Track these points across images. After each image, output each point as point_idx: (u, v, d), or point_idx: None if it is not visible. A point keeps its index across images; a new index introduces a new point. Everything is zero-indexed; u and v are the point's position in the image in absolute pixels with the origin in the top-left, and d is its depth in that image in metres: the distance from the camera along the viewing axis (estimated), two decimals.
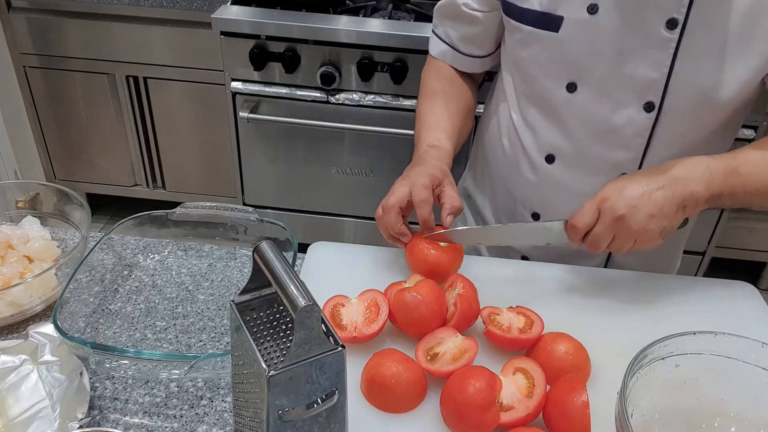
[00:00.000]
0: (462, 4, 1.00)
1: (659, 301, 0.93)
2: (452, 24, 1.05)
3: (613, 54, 0.87)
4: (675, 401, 0.73)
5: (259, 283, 0.63)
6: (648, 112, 0.89)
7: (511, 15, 0.94)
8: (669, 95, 0.88)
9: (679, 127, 0.91)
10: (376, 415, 0.74)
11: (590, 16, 0.86)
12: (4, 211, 1.04)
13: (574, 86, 0.92)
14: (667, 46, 0.84)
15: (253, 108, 2.00)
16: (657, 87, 0.87)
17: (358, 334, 0.80)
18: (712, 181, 0.82)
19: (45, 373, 0.74)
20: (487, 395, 0.69)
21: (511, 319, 0.82)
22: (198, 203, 0.99)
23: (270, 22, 1.85)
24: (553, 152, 0.99)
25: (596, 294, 0.93)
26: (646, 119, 0.90)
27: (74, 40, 2.15)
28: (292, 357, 0.56)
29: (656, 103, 0.89)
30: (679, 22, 0.83)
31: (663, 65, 0.86)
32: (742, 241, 2.26)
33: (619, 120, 0.91)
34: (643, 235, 0.81)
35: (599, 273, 0.99)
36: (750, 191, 0.85)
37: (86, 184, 2.48)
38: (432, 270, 0.87)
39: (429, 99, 1.06)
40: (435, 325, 0.80)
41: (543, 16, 0.89)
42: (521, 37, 0.94)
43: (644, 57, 0.86)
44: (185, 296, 0.95)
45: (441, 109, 1.03)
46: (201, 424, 0.76)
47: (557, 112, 0.95)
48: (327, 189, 2.17)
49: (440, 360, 0.76)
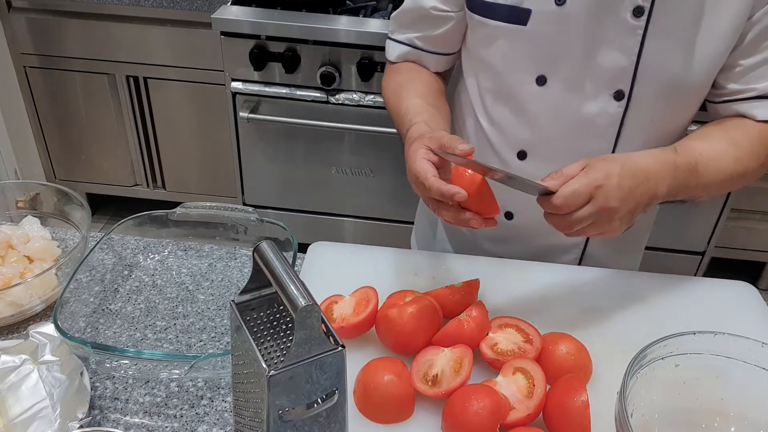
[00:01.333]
0: (430, 8, 0.97)
1: (659, 301, 0.93)
2: (417, 28, 1.01)
3: (582, 44, 0.87)
4: (675, 401, 0.73)
5: (259, 283, 0.63)
6: (618, 101, 0.90)
7: (476, 11, 0.93)
8: (638, 83, 0.88)
9: (648, 114, 0.92)
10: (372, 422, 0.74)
11: (558, 7, 0.85)
12: (4, 211, 1.05)
13: (543, 79, 0.91)
14: (634, 33, 0.85)
15: (253, 108, 2.00)
16: (626, 75, 0.88)
17: (345, 324, 0.80)
18: (675, 180, 0.83)
19: (45, 373, 0.74)
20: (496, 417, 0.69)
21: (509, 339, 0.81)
22: (198, 203, 1.00)
23: (270, 22, 1.85)
24: (524, 148, 0.98)
25: (596, 294, 0.93)
26: (616, 108, 0.91)
27: (74, 40, 2.15)
28: (292, 357, 0.56)
29: (626, 91, 0.89)
30: (646, 9, 0.83)
31: (631, 53, 0.86)
32: (742, 241, 2.26)
33: (590, 110, 0.91)
34: (616, 228, 0.80)
35: (599, 273, 0.99)
36: (701, 186, 0.86)
37: (86, 184, 2.48)
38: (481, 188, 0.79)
39: (395, 92, 1.01)
40: (418, 345, 0.79)
41: (510, 10, 0.88)
42: (487, 34, 0.93)
43: (612, 46, 0.86)
44: (185, 296, 0.95)
45: (411, 96, 0.98)
46: (201, 424, 0.76)
47: (527, 108, 0.95)
48: (327, 189, 2.17)
49: (442, 380, 0.75)
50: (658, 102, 0.91)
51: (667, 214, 2.10)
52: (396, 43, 1.05)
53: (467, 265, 0.94)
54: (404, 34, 1.03)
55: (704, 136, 0.91)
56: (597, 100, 0.91)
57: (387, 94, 1.05)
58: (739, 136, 0.90)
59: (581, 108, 0.92)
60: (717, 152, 0.88)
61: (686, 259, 2.20)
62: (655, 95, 0.90)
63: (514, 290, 0.93)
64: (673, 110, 0.93)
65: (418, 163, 0.78)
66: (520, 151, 0.98)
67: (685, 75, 0.88)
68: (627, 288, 0.95)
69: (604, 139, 0.93)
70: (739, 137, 0.90)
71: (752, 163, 0.90)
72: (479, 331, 0.80)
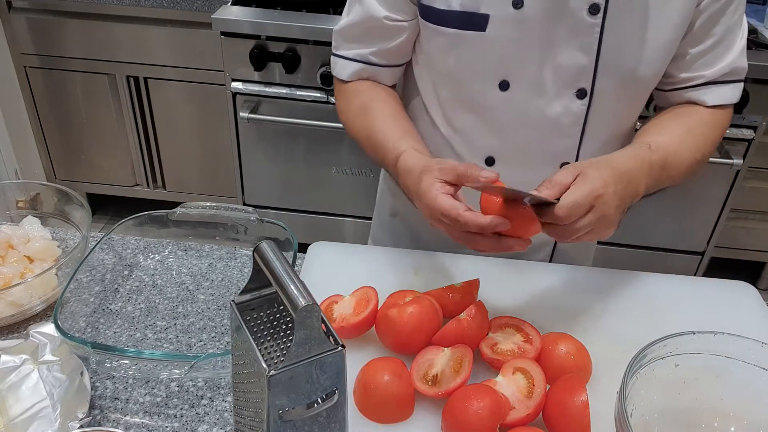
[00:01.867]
0: (383, 17, 0.92)
1: (659, 301, 0.93)
2: (369, 42, 0.96)
3: (542, 46, 0.88)
4: (675, 401, 0.73)
5: (259, 283, 0.63)
6: (581, 99, 0.91)
7: (430, 19, 0.90)
8: (599, 79, 0.89)
9: (610, 109, 0.93)
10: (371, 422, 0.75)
11: (516, 10, 0.85)
12: (4, 211, 1.05)
13: (506, 84, 0.91)
14: (592, 31, 0.86)
15: (254, 108, 2.00)
16: (587, 73, 0.89)
17: (345, 324, 0.80)
18: (651, 177, 0.84)
19: (45, 372, 0.74)
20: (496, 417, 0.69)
21: (509, 339, 0.81)
22: (198, 203, 1.00)
23: (270, 22, 1.86)
24: (491, 154, 0.97)
25: (596, 294, 0.93)
26: (580, 106, 0.91)
27: (75, 40, 2.15)
28: (292, 357, 0.56)
29: (588, 88, 0.90)
30: (601, 6, 0.84)
31: (591, 51, 0.87)
32: (741, 241, 2.26)
33: (554, 111, 0.92)
34: (611, 231, 0.80)
35: (599, 273, 0.99)
36: (670, 178, 0.88)
37: (86, 184, 2.48)
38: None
39: (360, 116, 0.96)
40: (418, 345, 0.79)
41: (467, 17, 0.87)
42: (444, 42, 0.90)
43: (572, 45, 0.87)
44: (185, 296, 0.95)
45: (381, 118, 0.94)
46: (201, 424, 0.76)
47: (492, 114, 0.94)
48: (327, 189, 2.17)
49: (442, 380, 0.75)
50: (619, 96, 0.92)
51: (667, 214, 2.10)
52: (345, 60, 0.99)
53: (467, 265, 0.95)
54: (355, 50, 0.98)
55: (664, 128, 0.92)
56: (560, 100, 0.91)
57: (349, 118, 1.00)
58: (694, 124, 0.93)
59: (545, 109, 0.92)
60: (679, 143, 0.90)
61: (686, 259, 2.20)
62: (615, 90, 0.91)
63: (514, 290, 0.93)
64: (631, 102, 0.95)
65: (440, 200, 0.75)
66: (488, 157, 0.98)
67: (641, 67, 0.89)
68: (627, 288, 0.95)
69: (569, 137, 0.94)
70: (694, 125, 0.93)
71: (708, 149, 0.93)
72: (479, 331, 0.80)
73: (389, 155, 0.89)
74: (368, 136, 0.94)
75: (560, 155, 0.96)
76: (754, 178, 2.08)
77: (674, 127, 0.93)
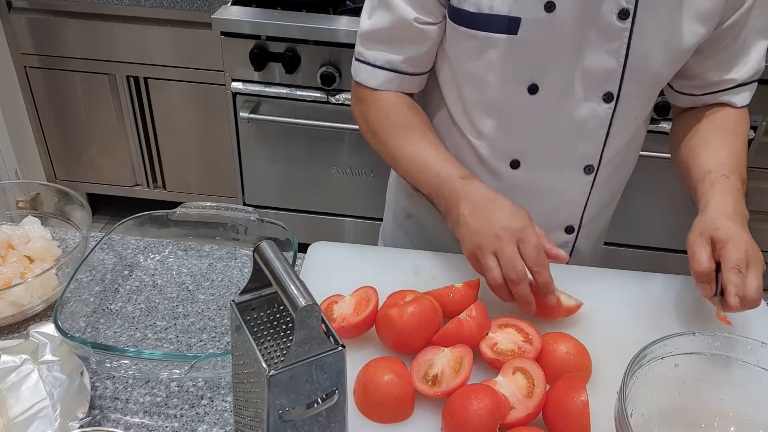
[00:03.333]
0: (413, 20, 0.90)
1: (659, 301, 0.93)
2: (399, 49, 0.94)
3: (572, 50, 0.88)
4: (675, 401, 0.73)
5: (259, 283, 0.63)
6: (607, 103, 0.92)
7: (461, 22, 0.89)
8: (625, 83, 0.90)
9: (633, 111, 0.95)
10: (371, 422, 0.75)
11: (547, 14, 0.85)
12: (4, 211, 1.05)
13: (535, 87, 0.91)
14: (621, 36, 0.86)
15: (254, 108, 2.00)
16: (615, 77, 0.90)
17: (345, 324, 0.80)
18: (742, 196, 0.89)
19: (45, 372, 0.74)
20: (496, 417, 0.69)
21: (509, 339, 0.81)
22: (198, 203, 1.00)
23: (270, 22, 1.86)
24: (517, 157, 0.98)
25: (596, 294, 0.93)
26: (606, 109, 0.92)
27: (74, 40, 2.15)
28: (292, 357, 0.56)
29: (614, 92, 0.91)
30: (630, 11, 0.85)
31: (619, 55, 0.88)
32: None
33: (581, 114, 0.93)
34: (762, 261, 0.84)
35: (599, 273, 0.99)
36: (744, 182, 0.93)
37: (87, 184, 2.48)
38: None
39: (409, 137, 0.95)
40: (418, 345, 0.79)
41: (499, 20, 0.87)
42: (474, 46, 0.90)
43: (601, 49, 0.88)
44: (186, 296, 0.95)
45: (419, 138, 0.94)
46: (201, 424, 0.76)
47: (519, 117, 0.94)
48: (327, 189, 2.17)
49: (442, 380, 0.75)
50: (642, 98, 0.95)
51: (667, 214, 2.10)
52: (373, 67, 0.96)
53: (467, 265, 0.94)
54: (384, 58, 0.95)
55: (721, 142, 0.96)
56: (587, 103, 0.92)
57: (381, 129, 0.97)
58: (731, 125, 0.98)
59: (572, 113, 0.93)
60: (736, 153, 0.95)
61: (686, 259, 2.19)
62: (640, 93, 0.93)
63: None
64: (649, 102, 0.98)
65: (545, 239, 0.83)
66: (513, 160, 0.98)
67: (665, 70, 0.92)
68: (627, 288, 0.95)
69: (594, 140, 0.96)
70: (732, 126, 0.98)
71: (746, 143, 0.99)
72: (479, 331, 0.80)
73: (435, 178, 0.90)
74: (414, 155, 0.94)
75: (584, 158, 0.98)
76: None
77: (723, 137, 0.97)
